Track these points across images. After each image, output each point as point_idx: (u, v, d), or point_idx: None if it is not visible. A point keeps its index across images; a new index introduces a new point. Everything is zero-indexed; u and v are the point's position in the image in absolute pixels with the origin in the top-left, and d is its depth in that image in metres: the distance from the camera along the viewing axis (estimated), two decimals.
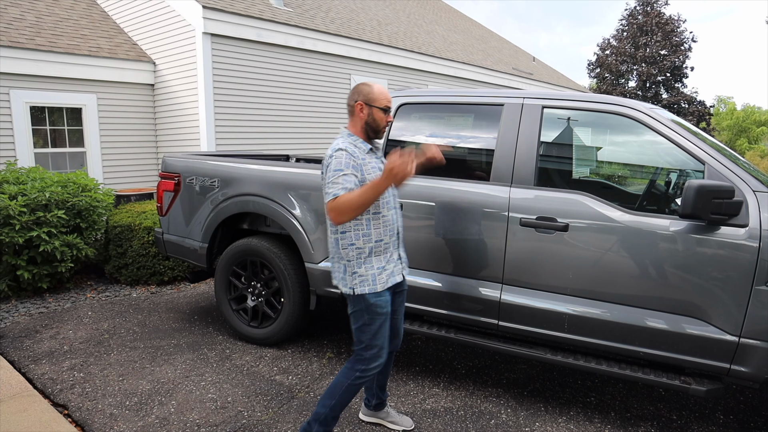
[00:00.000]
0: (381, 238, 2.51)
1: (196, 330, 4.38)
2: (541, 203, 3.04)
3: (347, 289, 2.51)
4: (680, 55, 27.67)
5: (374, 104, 2.51)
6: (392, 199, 2.59)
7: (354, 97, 2.54)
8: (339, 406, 2.58)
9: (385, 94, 2.55)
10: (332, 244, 2.55)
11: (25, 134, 7.02)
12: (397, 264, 2.62)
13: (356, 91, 2.54)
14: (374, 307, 2.50)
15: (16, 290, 5.30)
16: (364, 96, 2.52)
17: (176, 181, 4.31)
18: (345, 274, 2.51)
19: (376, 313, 2.51)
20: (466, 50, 13.56)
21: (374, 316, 2.51)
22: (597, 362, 2.97)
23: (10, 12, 7.65)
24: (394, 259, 2.59)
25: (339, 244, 2.51)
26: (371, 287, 2.49)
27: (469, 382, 3.57)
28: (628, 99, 3.10)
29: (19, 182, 5.48)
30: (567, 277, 2.98)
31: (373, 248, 2.50)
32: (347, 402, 2.59)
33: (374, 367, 2.56)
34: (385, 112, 2.54)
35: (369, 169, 2.49)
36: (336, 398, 2.56)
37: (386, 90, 2.57)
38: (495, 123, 3.30)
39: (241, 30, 7.72)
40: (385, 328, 2.55)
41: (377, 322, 2.52)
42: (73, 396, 3.26)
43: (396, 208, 2.63)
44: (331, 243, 2.55)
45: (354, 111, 2.54)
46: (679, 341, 2.73)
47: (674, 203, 3.22)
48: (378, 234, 2.50)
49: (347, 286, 2.51)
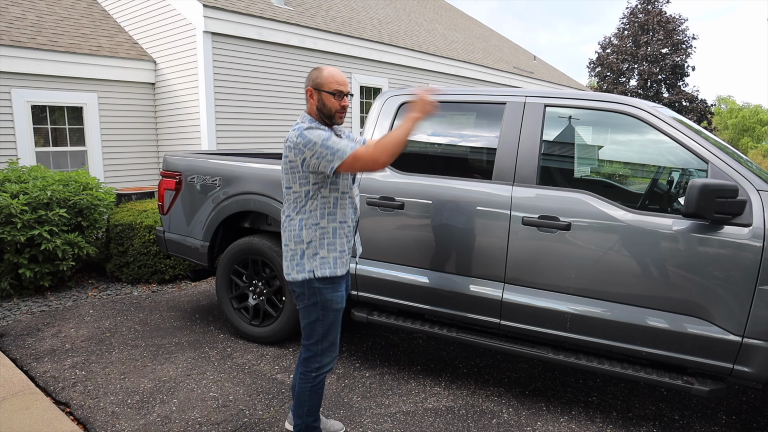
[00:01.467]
0: (345, 219, 2.47)
1: (198, 328, 4.38)
2: (544, 202, 3.03)
3: (304, 273, 2.39)
4: (681, 54, 27.64)
5: (323, 89, 2.41)
6: (356, 187, 2.59)
7: (306, 82, 2.48)
8: (313, 411, 2.56)
9: (336, 77, 2.42)
10: (291, 229, 2.43)
11: (26, 133, 7.02)
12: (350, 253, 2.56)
13: (308, 76, 2.47)
14: (330, 303, 2.44)
15: (18, 288, 5.30)
16: (312, 81, 2.44)
17: (177, 179, 4.31)
18: (303, 259, 2.40)
19: (331, 309, 2.45)
20: (466, 49, 13.54)
21: (328, 312, 2.45)
22: (599, 362, 2.96)
23: (11, 11, 7.65)
24: (350, 247, 2.54)
25: (302, 225, 2.40)
26: (332, 270, 2.42)
27: (471, 381, 3.56)
28: (630, 97, 3.09)
29: (20, 181, 5.48)
30: (569, 277, 2.97)
31: (337, 229, 2.45)
32: (318, 403, 2.56)
33: (329, 362, 2.51)
34: (337, 96, 2.42)
35: None
36: (306, 405, 2.53)
37: (339, 73, 2.44)
38: (497, 121, 3.29)
39: (241, 29, 7.71)
40: (338, 322, 2.51)
41: (331, 317, 2.46)
42: (75, 394, 3.25)
43: (358, 194, 2.62)
44: (290, 228, 2.43)
45: (308, 95, 2.47)
46: (681, 341, 2.73)
47: (677, 202, 3.22)
48: (342, 215, 2.46)
49: (305, 270, 2.40)
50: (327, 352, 2.51)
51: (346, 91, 2.45)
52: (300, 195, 2.40)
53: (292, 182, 2.40)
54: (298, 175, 2.37)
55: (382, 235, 3.44)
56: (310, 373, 2.51)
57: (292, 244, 2.44)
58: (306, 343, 2.51)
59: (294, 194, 2.41)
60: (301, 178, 2.37)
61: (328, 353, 2.51)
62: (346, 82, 2.44)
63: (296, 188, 2.40)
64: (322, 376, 2.53)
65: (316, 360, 2.50)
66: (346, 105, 2.45)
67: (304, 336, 2.51)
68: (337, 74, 2.43)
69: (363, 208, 3.48)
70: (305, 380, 2.51)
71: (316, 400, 2.55)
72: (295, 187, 2.40)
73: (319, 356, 2.50)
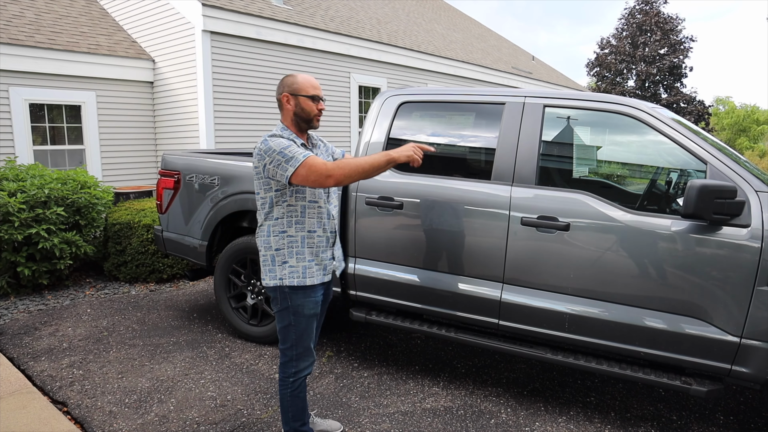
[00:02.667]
0: (314, 229, 2.47)
1: (196, 328, 4.37)
2: (543, 202, 3.03)
3: (275, 280, 2.42)
4: (679, 54, 27.68)
5: (300, 93, 2.44)
6: (333, 194, 2.61)
7: (279, 90, 2.48)
8: (298, 415, 2.54)
9: (311, 81, 2.48)
10: (261, 235, 2.46)
11: (24, 131, 7.00)
12: (330, 263, 2.56)
13: (281, 84, 2.48)
14: (301, 308, 2.44)
15: (16, 287, 5.29)
16: (288, 87, 2.46)
17: (176, 178, 4.30)
18: (274, 265, 2.42)
19: (302, 314, 2.45)
20: (465, 49, 13.55)
21: (300, 318, 2.45)
22: (597, 362, 2.97)
23: (10, 9, 7.63)
24: (326, 257, 2.53)
25: (270, 231, 2.42)
26: (300, 280, 2.42)
27: (469, 381, 3.56)
28: (630, 98, 3.09)
29: (18, 179, 5.46)
30: (568, 277, 2.97)
31: (305, 238, 2.45)
32: (302, 407, 2.54)
33: (306, 366, 2.51)
34: (314, 101, 2.46)
35: None
36: (289, 411, 2.53)
37: (312, 78, 2.50)
38: (496, 122, 3.30)
39: (240, 28, 7.70)
40: (312, 327, 2.50)
41: (303, 323, 2.46)
42: (72, 393, 3.25)
43: (335, 206, 2.63)
44: (260, 233, 2.47)
45: (282, 104, 2.48)
46: (680, 341, 2.73)
47: (675, 203, 3.22)
48: (311, 224, 2.46)
49: (276, 277, 2.42)
50: (302, 356, 2.49)
51: (321, 96, 2.50)
52: (266, 201, 2.43)
53: (258, 188, 2.43)
54: (262, 182, 2.40)
55: (380, 235, 3.43)
56: (288, 378, 2.50)
57: (263, 250, 2.47)
58: (282, 348, 2.51)
59: (260, 200, 2.45)
60: (264, 185, 2.40)
61: (304, 358, 2.50)
62: (319, 87, 2.51)
63: (262, 194, 2.43)
64: (300, 381, 2.51)
65: (293, 365, 2.49)
66: (322, 108, 2.52)
67: (280, 341, 2.51)
68: (312, 79, 2.50)
69: (361, 208, 3.47)
70: (284, 386, 2.51)
71: (299, 404, 2.53)
72: (261, 194, 2.43)
73: (295, 361, 2.49)
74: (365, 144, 3.61)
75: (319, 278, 2.48)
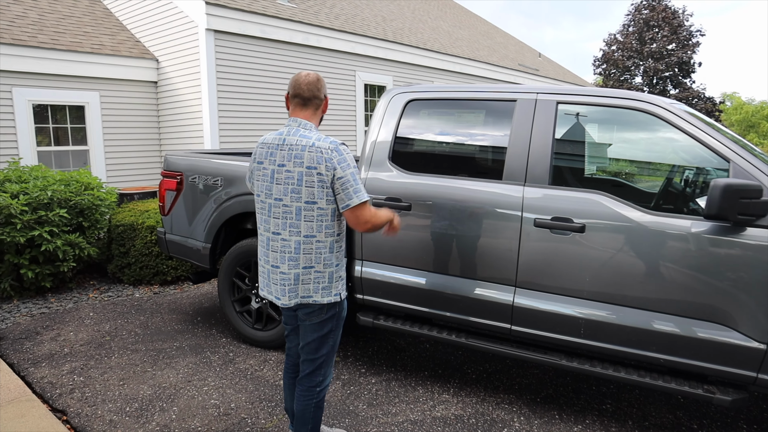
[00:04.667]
0: None
1: (199, 332, 4.28)
2: (557, 203, 2.92)
3: (331, 297, 2.34)
4: (688, 50, 27.39)
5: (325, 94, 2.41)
6: None
7: (323, 90, 2.35)
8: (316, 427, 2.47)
9: None
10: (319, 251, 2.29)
11: (27, 132, 6.94)
12: None
13: (320, 82, 2.33)
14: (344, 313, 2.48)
15: (19, 290, 5.22)
16: (325, 87, 2.37)
17: (178, 180, 4.21)
18: (331, 282, 2.34)
19: (343, 317, 2.47)
20: (471, 46, 13.41)
21: (341, 322, 2.47)
22: (615, 369, 2.85)
23: (13, 9, 7.57)
24: None
25: (333, 248, 2.32)
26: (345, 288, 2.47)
27: (480, 387, 3.45)
28: (645, 93, 2.97)
29: (21, 181, 5.40)
30: (583, 280, 2.86)
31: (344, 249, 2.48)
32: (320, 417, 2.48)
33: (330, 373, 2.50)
34: None
35: None
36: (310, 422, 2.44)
37: None
38: (507, 119, 3.18)
39: (244, 26, 7.61)
40: None
41: (341, 325, 2.48)
42: (72, 401, 3.16)
43: None
44: (318, 249, 2.29)
45: (322, 105, 2.37)
46: (701, 348, 2.61)
47: (694, 202, 3.10)
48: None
49: (331, 294, 2.34)
50: (329, 362, 2.45)
51: None
52: (326, 213, 2.26)
53: (318, 197, 2.23)
54: (324, 191, 2.22)
55: (387, 237, 3.33)
56: (315, 388, 2.40)
57: (320, 267, 2.30)
58: (313, 357, 2.39)
59: (317, 211, 2.24)
60: (328, 195, 2.24)
61: (330, 363, 2.46)
62: None
63: (322, 205, 2.24)
64: (325, 390, 2.45)
65: (320, 373, 2.41)
66: None
67: (313, 350, 2.38)
68: None
69: None
70: (309, 396, 2.40)
71: (319, 415, 2.45)
72: (320, 204, 2.23)
73: (325, 368, 2.43)
74: (372, 143, 3.50)
75: None
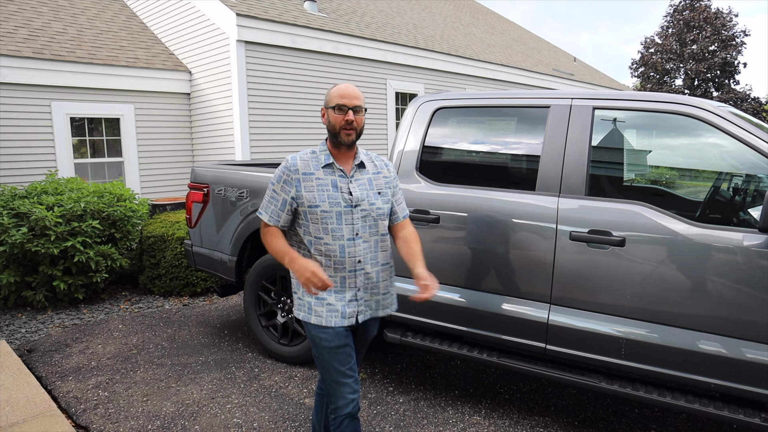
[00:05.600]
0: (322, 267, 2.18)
1: (225, 346, 4.23)
2: (594, 215, 2.74)
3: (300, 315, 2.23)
4: (731, 50, 26.40)
5: (329, 105, 2.18)
6: (348, 229, 2.17)
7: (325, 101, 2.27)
8: None
9: (340, 90, 2.17)
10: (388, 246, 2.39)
11: (65, 145, 7.11)
12: (350, 305, 2.20)
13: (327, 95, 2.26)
14: (317, 340, 2.18)
15: (53, 301, 5.30)
16: (325, 100, 2.23)
17: (205, 192, 4.19)
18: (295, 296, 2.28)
19: (320, 346, 2.18)
20: (504, 52, 13.19)
21: (320, 350, 2.19)
22: (660, 393, 2.64)
23: (54, 26, 7.80)
24: (344, 299, 2.19)
25: None
26: (305, 315, 2.19)
27: (514, 408, 3.27)
28: (689, 96, 2.77)
29: (57, 193, 5.49)
30: (624, 297, 2.66)
31: None
32: None
33: (341, 406, 2.17)
34: (337, 110, 2.14)
35: (311, 185, 2.15)
36: None
37: (346, 87, 2.18)
38: (540, 127, 3.02)
39: (275, 37, 7.64)
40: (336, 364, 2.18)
41: (325, 356, 2.18)
42: (95, 417, 3.13)
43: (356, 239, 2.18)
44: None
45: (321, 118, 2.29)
46: (756, 373, 2.38)
47: (745, 212, 2.87)
48: (319, 262, 2.18)
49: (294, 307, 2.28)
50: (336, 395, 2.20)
51: (351, 105, 2.14)
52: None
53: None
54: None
55: None
56: (330, 414, 2.23)
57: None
58: None
59: None
60: None
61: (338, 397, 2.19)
62: (352, 96, 2.16)
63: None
64: (339, 419, 2.20)
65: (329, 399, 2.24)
66: (350, 119, 2.13)
67: None
68: (343, 88, 2.18)
69: None
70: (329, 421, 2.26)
71: None
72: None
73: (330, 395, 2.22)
74: (399, 153, 3.39)
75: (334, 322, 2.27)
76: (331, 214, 2.14)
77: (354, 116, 2.14)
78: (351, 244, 2.17)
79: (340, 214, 2.15)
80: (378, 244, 2.27)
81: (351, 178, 2.20)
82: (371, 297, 2.27)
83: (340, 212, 2.15)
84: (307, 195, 2.14)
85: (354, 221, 2.17)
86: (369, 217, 2.21)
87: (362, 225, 2.19)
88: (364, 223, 2.20)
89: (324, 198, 2.14)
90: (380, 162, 2.34)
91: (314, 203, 2.14)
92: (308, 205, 2.14)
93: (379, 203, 2.24)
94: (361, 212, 2.18)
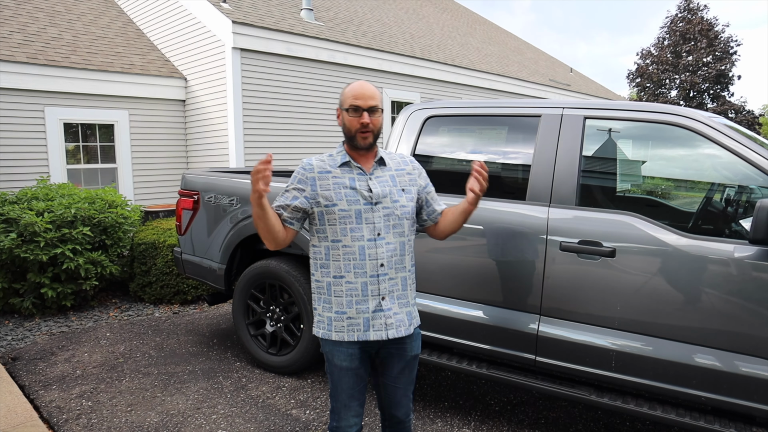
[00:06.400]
0: (341, 274, 2.01)
1: (214, 355, 4.17)
2: (584, 225, 2.71)
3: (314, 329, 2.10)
4: (726, 62, 26.58)
5: (343, 106, 2.06)
6: (369, 229, 2.00)
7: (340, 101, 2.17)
8: None
9: (355, 91, 2.03)
10: None
11: (58, 150, 7.07)
12: (375, 317, 2.01)
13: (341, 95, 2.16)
14: (330, 356, 2.06)
15: (41, 308, 5.23)
16: (339, 100, 2.11)
17: (195, 198, 4.15)
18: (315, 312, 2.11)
19: (332, 363, 2.06)
20: (501, 62, 13.23)
21: (332, 367, 2.07)
22: (650, 406, 2.60)
23: (49, 32, 7.78)
24: (367, 309, 2.01)
25: None
26: (325, 332, 2.03)
27: (503, 421, 3.23)
28: (681, 107, 2.75)
29: (48, 198, 5.45)
30: (614, 309, 2.63)
31: (332, 284, 2.03)
32: None
33: (342, 426, 2.08)
34: (351, 112, 2.02)
35: (329, 184, 2.02)
36: None
37: (360, 86, 2.04)
38: (531, 136, 3.00)
39: (270, 44, 7.64)
40: (345, 386, 2.05)
41: (335, 374, 2.06)
42: (77, 428, 3.07)
43: (378, 239, 2.01)
44: None
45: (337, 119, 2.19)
46: (748, 386, 2.35)
47: (737, 224, 2.85)
48: (337, 268, 2.01)
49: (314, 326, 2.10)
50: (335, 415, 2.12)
51: (366, 106, 1.99)
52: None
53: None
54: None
55: None
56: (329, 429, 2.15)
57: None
58: None
59: None
60: None
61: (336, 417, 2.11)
62: (367, 96, 2.01)
63: None
64: None
65: (331, 416, 2.14)
66: (365, 122, 1.99)
67: None
68: (357, 87, 2.03)
69: None
70: None
71: None
72: None
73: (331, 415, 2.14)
74: None
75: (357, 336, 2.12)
76: (350, 213, 1.99)
77: (370, 118, 2.01)
78: (372, 245, 1.99)
79: (360, 213, 1.99)
80: (404, 247, 2.08)
81: (371, 175, 2.06)
82: (401, 309, 2.06)
83: (360, 210, 1.99)
84: (324, 193, 2.00)
85: (375, 220, 2.00)
86: (392, 215, 2.03)
87: (385, 225, 2.02)
88: (387, 222, 2.02)
89: (341, 196, 1.99)
90: (402, 159, 2.21)
91: (331, 202, 1.99)
92: (325, 205, 2.00)
93: (403, 200, 2.07)
94: (383, 210, 2.02)
